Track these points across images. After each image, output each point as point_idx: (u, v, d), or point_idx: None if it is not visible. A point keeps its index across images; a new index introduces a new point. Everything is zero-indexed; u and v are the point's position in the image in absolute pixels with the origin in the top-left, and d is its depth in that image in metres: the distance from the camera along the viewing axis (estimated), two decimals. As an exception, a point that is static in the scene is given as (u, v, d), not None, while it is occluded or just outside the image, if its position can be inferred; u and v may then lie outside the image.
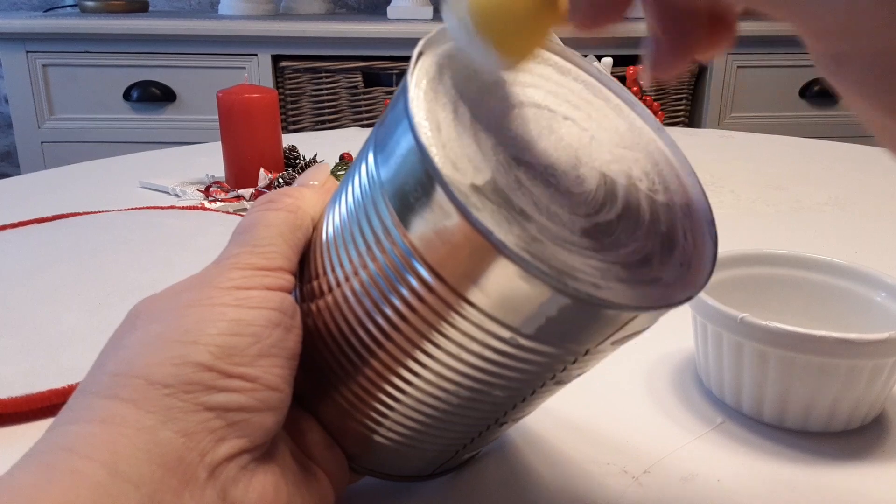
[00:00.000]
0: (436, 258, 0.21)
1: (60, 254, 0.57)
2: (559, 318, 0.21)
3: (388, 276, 0.22)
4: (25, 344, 0.43)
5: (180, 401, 0.22)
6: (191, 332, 0.23)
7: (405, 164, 0.21)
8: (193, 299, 0.24)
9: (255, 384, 0.23)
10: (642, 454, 0.34)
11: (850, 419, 0.35)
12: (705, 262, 0.23)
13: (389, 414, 0.25)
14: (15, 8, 2.12)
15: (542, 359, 0.23)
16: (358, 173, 0.24)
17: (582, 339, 0.22)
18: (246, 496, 0.23)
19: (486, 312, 0.21)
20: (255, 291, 0.24)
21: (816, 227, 0.68)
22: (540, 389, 0.25)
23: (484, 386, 0.23)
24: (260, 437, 0.23)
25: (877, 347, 0.33)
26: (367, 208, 0.23)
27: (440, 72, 0.23)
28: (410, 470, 0.30)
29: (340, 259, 0.24)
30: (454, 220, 0.20)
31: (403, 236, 0.21)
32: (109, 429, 0.21)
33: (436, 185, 0.20)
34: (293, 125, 1.67)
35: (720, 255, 0.40)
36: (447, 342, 0.22)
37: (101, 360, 0.24)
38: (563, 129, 0.25)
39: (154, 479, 0.21)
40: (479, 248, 0.20)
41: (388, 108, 0.23)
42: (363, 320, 0.24)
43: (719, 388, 0.38)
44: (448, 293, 0.21)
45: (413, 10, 1.79)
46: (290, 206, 0.27)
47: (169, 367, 0.22)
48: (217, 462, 0.22)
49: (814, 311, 0.40)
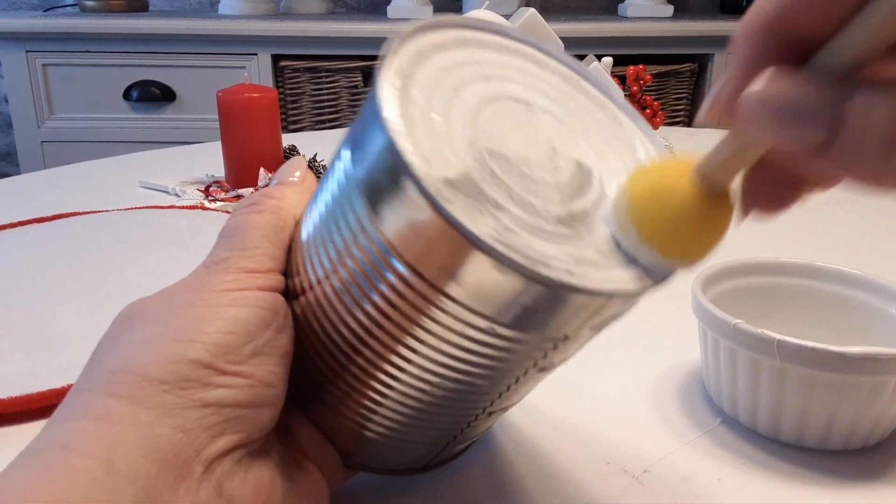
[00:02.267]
0: (410, 252, 0.21)
1: (60, 253, 0.57)
2: (535, 306, 0.21)
3: (365, 272, 0.22)
4: (25, 344, 0.43)
5: (177, 397, 0.22)
6: (187, 331, 0.23)
7: (377, 160, 0.21)
8: (189, 301, 0.24)
9: (251, 380, 0.23)
10: (643, 454, 0.34)
11: (848, 439, 0.34)
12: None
13: (377, 408, 0.26)
14: (15, 7, 2.12)
15: (522, 346, 0.23)
16: (334, 172, 0.24)
17: (559, 325, 0.22)
18: (242, 489, 0.23)
19: (462, 303, 0.21)
20: (249, 292, 0.24)
21: (817, 226, 0.68)
22: (524, 377, 0.25)
23: (467, 376, 0.24)
24: (255, 432, 0.24)
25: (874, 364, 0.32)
26: (343, 205, 0.23)
27: (414, 67, 0.23)
28: (404, 463, 0.30)
29: (320, 257, 0.24)
30: (426, 214, 0.20)
31: (378, 231, 0.21)
32: (106, 425, 0.21)
33: (407, 180, 0.20)
34: (293, 125, 1.67)
35: (731, 264, 0.40)
36: (427, 335, 0.22)
37: (96, 358, 0.24)
38: (540, 121, 0.25)
39: (150, 475, 0.21)
40: (451, 240, 0.20)
41: (363, 105, 0.23)
42: (344, 317, 0.24)
43: (718, 396, 0.38)
44: (424, 286, 0.21)
45: (413, 9, 1.79)
46: (274, 206, 0.27)
47: (166, 364, 0.22)
48: (213, 457, 0.22)
49: (827, 321, 0.40)
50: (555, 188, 0.23)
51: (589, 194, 0.24)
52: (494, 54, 0.26)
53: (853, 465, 0.34)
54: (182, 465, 0.21)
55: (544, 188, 0.23)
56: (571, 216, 0.23)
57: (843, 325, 0.39)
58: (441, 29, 0.25)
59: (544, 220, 0.22)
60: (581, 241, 0.22)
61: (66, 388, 0.38)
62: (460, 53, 0.25)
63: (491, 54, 0.26)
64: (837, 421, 0.34)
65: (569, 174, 0.24)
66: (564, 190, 0.23)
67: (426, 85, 0.23)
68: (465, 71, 0.25)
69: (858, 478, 0.33)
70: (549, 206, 0.22)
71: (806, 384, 0.33)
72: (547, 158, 0.24)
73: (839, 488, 0.32)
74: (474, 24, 0.26)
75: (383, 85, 0.22)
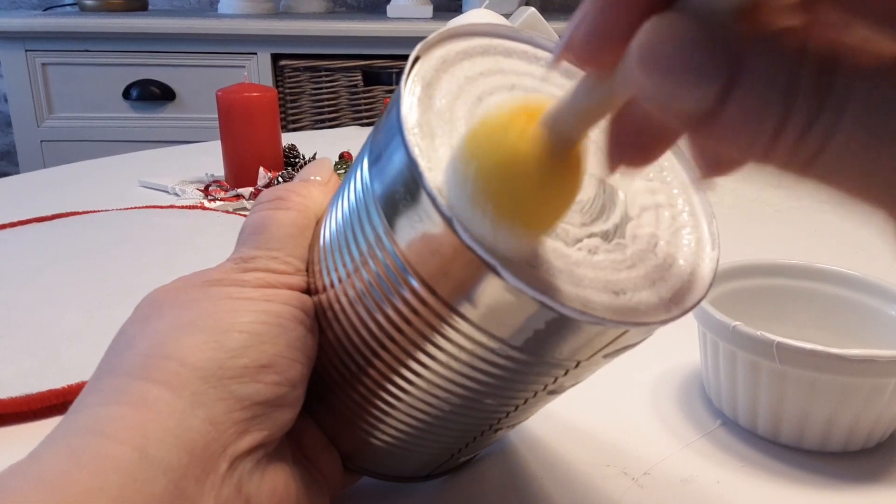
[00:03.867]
0: (425, 269, 0.21)
1: (60, 253, 0.57)
2: (547, 332, 0.20)
3: (380, 284, 0.22)
4: (25, 344, 0.43)
5: (212, 386, 0.22)
6: (224, 320, 0.23)
7: (396, 173, 0.21)
8: (224, 293, 0.24)
9: (281, 377, 0.23)
10: (642, 456, 0.34)
11: (847, 441, 0.35)
12: (702, 280, 0.23)
13: (384, 417, 0.26)
14: (14, 7, 2.12)
15: (533, 370, 0.22)
16: (354, 179, 0.24)
17: (572, 352, 0.22)
18: (260, 490, 0.23)
19: (474, 323, 0.21)
20: (281, 290, 0.25)
21: (817, 226, 0.68)
22: (532, 399, 0.25)
23: (475, 395, 0.23)
24: (276, 431, 0.24)
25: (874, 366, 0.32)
26: (360, 215, 0.23)
27: (437, 76, 0.23)
28: (406, 471, 0.30)
29: (336, 265, 0.24)
30: (442, 232, 0.20)
31: (395, 246, 0.21)
32: (141, 412, 0.21)
33: (424, 197, 0.20)
34: (293, 124, 1.67)
35: (732, 265, 0.40)
36: (437, 351, 0.22)
37: (123, 341, 0.24)
38: None
39: (181, 466, 0.21)
40: (466, 260, 0.19)
41: (384, 113, 0.23)
42: (356, 326, 0.24)
43: (717, 398, 0.38)
44: (437, 304, 0.21)
45: (413, 8, 1.79)
46: (300, 205, 0.27)
47: (205, 350, 0.22)
48: (237, 454, 0.22)
49: (826, 323, 0.40)
50: (576, 208, 0.22)
51: (612, 217, 0.23)
52: (520, 63, 0.26)
53: (853, 467, 0.34)
54: (209, 458, 0.21)
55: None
56: (592, 239, 0.22)
57: (843, 326, 0.39)
58: (467, 37, 0.25)
59: (562, 242, 0.21)
60: (599, 267, 0.21)
61: (66, 389, 0.38)
62: (486, 61, 0.25)
63: (517, 63, 0.25)
64: (837, 423, 0.34)
65: (591, 193, 0.23)
66: (586, 211, 0.23)
67: (450, 93, 0.23)
68: (490, 80, 0.24)
69: (858, 479, 0.33)
70: (568, 228, 0.22)
71: (805, 386, 0.33)
72: None
73: (839, 490, 0.32)
74: (501, 32, 0.26)
75: (405, 95, 0.22)
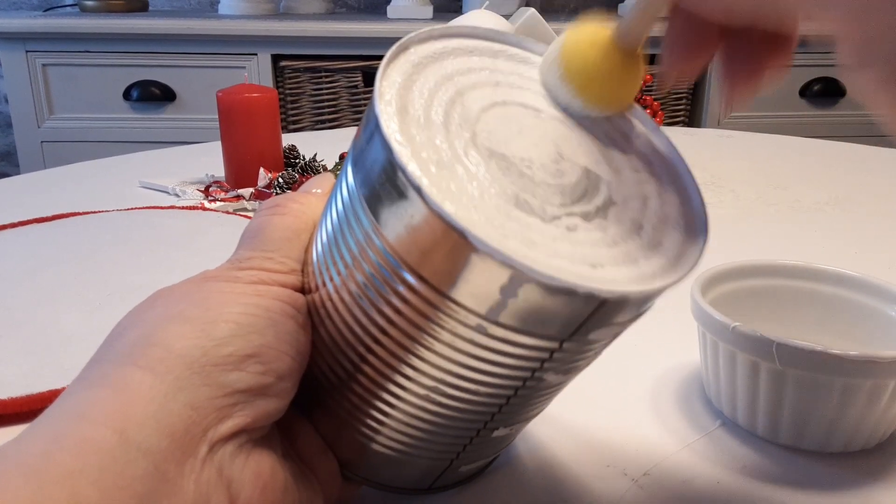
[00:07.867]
0: (414, 258, 0.21)
1: (60, 254, 0.57)
2: (524, 302, 0.21)
3: (373, 281, 0.23)
4: (25, 344, 0.43)
5: (195, 372, 0.22)
6: (213, 310, 0.24)
7: (376, 164, 0.22)
8: (215, 288, 0.25)
9: (266, 367, 0.24)
10: (642, 456, 0.34)
11: (847, 441, 0.34)
12: (687, 262, 0.23)
13: (382, 418, 0.26)
14: (15, 7, 2.12)
15: (516, 352, 0.23)
16: (339, 183, 0.24)
17: (555, 329, 0.22)
18: (242, 473, 0.23)
19: (454, 300, 0.21)
20: (273, 286, 0.25)
21: (817, 226, 0.68)
22: (523, 390, 0.25)
23: (464, 382, 0.24)
24: (261, 419, 0.24)
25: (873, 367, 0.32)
26: (349, 217, 0.23)
27: (415, 74, 0.24)
28: (407, 480, 0.29)
29: (329, 267, 0.25)
30: (422, 212, 0.20)
31: (382, 240, 0.22)
32: (122, 395, 0.21)
33: (403, 179, 0.21)
34: (293, 125, 1.67)
35: (732, 266, 0.40)
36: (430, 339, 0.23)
37: (116, 332, 0.24)
38: (549, 127, 0.25)
39: (161, 449, 0.21)
40: (446, 237, 0.20)
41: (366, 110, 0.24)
42: (348, 321, 0.24)
43: (717, 399, 0.38)
44: (427, 290, 0.22)
45: (413, 9, 1.79)
46: (296, 210, 0.28)
47: (190, 338, 0.23)
48: (217, 438, 0.22)
49: (826, 323, 0.39)
50: (556, 190, 0.23)
51: (594, 200, 0.23)
52: (507, 63, 0.26)
53: (852, 468, 0.34)
54: (190, 441, 0.22)
55: (544, 189, 0.23)
56: (571, 218, 0.22)
57: (843, 327, 0.39)
58: (445, 38, 0.26)
59: (539, 219, 0.22)
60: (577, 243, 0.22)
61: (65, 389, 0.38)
62: (467, 61, 0.25)
63: (503, 63, 0.26)
64: (836, 423, 0.34)
65: (574, 178, 0.24)
66: (567, 193, 0.23)
67: (428, 88, 0.23)
68: (472, 77, 0.25)
69: (858, 480, 0.33)
70: (546, 207, 0.22)
71: (805, 387, 0.33)
72: (551, 162, 0.24)
73: (839, 490, 0.32)
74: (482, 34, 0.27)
75: (382, 90, 0.22)
